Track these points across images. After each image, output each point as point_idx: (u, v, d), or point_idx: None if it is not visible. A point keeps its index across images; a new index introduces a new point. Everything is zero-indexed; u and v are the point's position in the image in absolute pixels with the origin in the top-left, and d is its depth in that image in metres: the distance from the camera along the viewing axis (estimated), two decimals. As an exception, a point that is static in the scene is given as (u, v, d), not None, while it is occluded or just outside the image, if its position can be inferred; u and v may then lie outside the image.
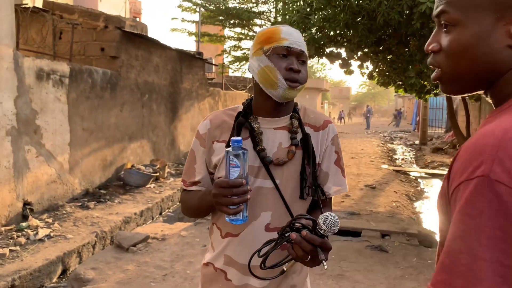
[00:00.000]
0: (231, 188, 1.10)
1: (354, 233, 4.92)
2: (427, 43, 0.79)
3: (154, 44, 8.63)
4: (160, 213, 6.61)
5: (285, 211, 1.28)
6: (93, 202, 6.00)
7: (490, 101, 0.78)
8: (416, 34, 5.30)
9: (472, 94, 0.81)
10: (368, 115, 29.85)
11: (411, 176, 10.43)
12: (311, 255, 1.04)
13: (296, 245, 1.04)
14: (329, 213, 1.06)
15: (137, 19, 19.56)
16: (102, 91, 6.81)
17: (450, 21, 0.73)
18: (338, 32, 5.68)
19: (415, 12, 4.37)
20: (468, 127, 13.00)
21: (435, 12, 0.77)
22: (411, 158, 14.56)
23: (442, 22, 0.75)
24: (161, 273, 3.81)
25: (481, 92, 0.79)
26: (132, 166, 7.48)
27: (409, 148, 17.17)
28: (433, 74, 0.80)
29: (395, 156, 14.61)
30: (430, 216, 6.84)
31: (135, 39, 7.83)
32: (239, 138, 1.12)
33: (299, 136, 1.31)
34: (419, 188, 9.24)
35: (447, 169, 0.70)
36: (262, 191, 1.28)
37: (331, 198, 1.38)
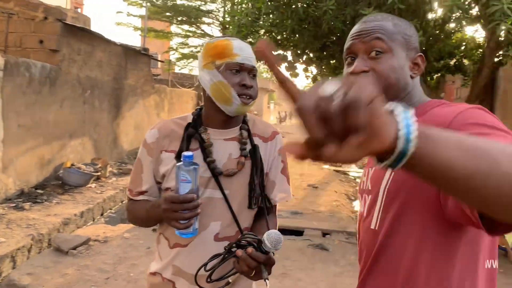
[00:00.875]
0: (182, 203, 1.12)
1: (297, 232, 5.09)
2: (355, 67, 0.98)
3: (98, 38, 8.31)
4: (102, 214, 6.40)
5: (233, 221, 1.32)
6: (28, 203, 5.68)
7: None
8: (358, 43, 5.58)
9: None
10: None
11: (350, 176, 10.93)
12: (255, 270, 1.10)
13: (242, 261, 1.10)
14: (273, 231, 1.12)
15: (79, 10, 18.66)
16: (41, 86, 6.46)
17: (383, 48, 0.96)
18: (285, 36, 5.83)
19: (357, 22, 4.60)
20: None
21: (368, 37, 0.97)
22: (351, 158, 15.23)
23: (375, 50, 0.96)
24: (103, 276, 3.72)
25: None
26: (72, 164, 7.16)
27: (350, 149, 17.94)
28: None
29: (336, 157, 15.19)
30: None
31: (77, 32, 7.50)
32: (190, 153, 1.14)
33: (248, 147, 1.35)
34: (357, 188, 9.71)
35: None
36: (211, 202, 1.30)
37: (276, 205, 1.45)
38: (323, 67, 7.33)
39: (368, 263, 1.01)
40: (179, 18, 14.34)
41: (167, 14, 14.08)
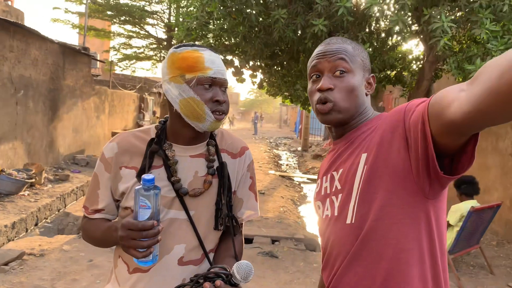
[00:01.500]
0: (140, 231, 1.03)
1: (247, 240, 5.06)
2: (322, 84, 1.10)
3: (33, 35, 7.76)
4: (36, 224, 5.94)
5: (199, 244, 1.25)
6: (-50, 214, 5.13)
7: (333, 132, 1.18)
8: (307, 52, 5.68)
9: (341, 126, 1.13)
10: (255, 121, 30.92)
11: (295, 181, 11.10)
12: None
13: None
14: (243, 262, 1.07)
15: (9, 2, 17.35)
16: (-34, 84, 5.88)
17: (346, 68, 1.09)
18: (235, 42, 5.80)
19: (307, 32, 4.69)
20: (344, 136, 14.41)
21: (333, 57, 1.10)
22: (294, 164, 15.50)
23: (339, 69, 1.09)
24: (40, 294, 3.43)
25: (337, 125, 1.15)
26: (2, 170, 6.59)
27: (293, 154, 18.28)
28: (324, 107, 1.09)
29: (280, 162, 15.39)
30: (312, 220, 7.38)
31: (9, 27, 6.94)
32: (151, 176, 1.05)
33: (216, 164, 1.28)
34: (302, 193, 9.88)
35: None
36: (175, 223, 1.22)
37: (242, 223, 1.39)
38: (271, 74, 7.40)
39: (344, 261, 1.04)
40: (121, 18, 13.79)
41: (109, 13, 13.47)
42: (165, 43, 14.69)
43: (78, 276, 3.77)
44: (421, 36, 4.72)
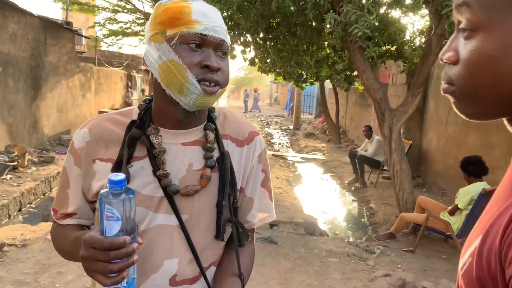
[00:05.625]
0: (107, 250, 0.74)
1: (243, 225, 4.81)
2: (442, 52, 0.59)
3: (11, 7, 7.23)
4: (20, 210, 5.62)
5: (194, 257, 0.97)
6: None
7: None
8: (305, 24, 5.33)
9: (493, 120, 0.61)
10: (246, 99, 30.53)
11: (288, 161, 10.86)
12: None
13: None
14: None
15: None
16: None
17: (471, 24, 0.55)
18: (228, 14, 5.41)
19: (308, 1, 4.33)
20: (337, 114, 14.13)
21: (455, 3, 0.58)
22: (287, 142, 15.25)
23: (461, 26, 0.56)
24: (22, 289, 3.15)
25: (505, 118, 0.59)
26: (-19, 153, 6.21)
27: (285, 133, 18.01)
28: (444, 87, 0.61)
29: (272, 141, 15.12)
30: (308, 201, 7.18)
31: (-17, -2, 6.43)
32: (120, 176, 0.76)
33: (217, 154, 0.99)
34: (297, 173, 9.65)
35: (320, 155, 0.59)
36: (164, 231, 0.94)
37: (254, 228, 1.10)
38: (266, 50, 7.02)
39: None
40: (106, -9, 13.16)
41: (93, -15, 12.82)
42: (152, 18, 14.07)
43: (64, 269, 3.49)
44: (431, 6, 4.38)
